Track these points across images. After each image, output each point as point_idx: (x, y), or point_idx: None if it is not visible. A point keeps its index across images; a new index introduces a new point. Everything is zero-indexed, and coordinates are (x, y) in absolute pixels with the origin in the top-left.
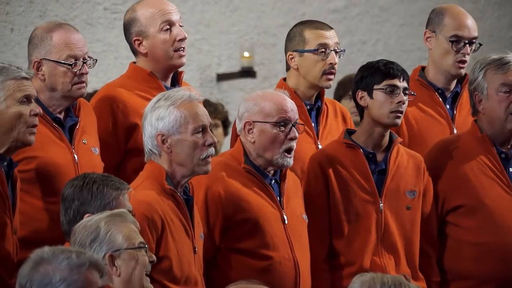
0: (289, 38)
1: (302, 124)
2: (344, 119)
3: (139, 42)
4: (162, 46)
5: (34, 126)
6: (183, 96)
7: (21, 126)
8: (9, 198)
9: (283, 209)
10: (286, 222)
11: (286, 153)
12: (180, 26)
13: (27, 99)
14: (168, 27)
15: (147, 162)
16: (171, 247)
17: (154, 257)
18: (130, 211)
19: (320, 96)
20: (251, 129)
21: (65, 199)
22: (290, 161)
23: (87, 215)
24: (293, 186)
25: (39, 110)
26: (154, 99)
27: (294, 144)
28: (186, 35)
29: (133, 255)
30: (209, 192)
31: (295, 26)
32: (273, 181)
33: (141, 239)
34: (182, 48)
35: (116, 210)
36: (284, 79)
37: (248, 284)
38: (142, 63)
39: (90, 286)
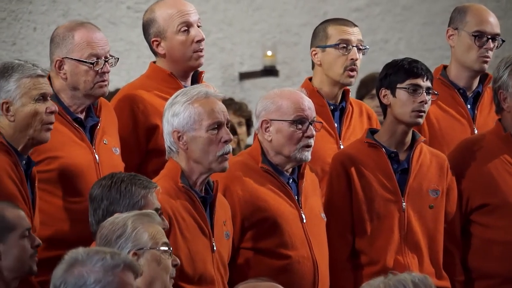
0: (314, 35)
1: (320, 122)
2: (370, 120)
3: (157, 43)
4: (180, 47)
5: (50, 123)
6: (199, 92)
7: (37, 124)
8: (29, 198)
9: (301, 208)
10: (304, 221)
11: (304, 148)
12: (199, 26)
13: (43, 97)
14: (186, 28)
15: (167, 160)
16: (180, 245)
17: (178, 261)
18: (158, 209)
19: (345, 96)
20: (268, 127)
21: (94, 199)
22: (308, 155)
23: (116, 215)
24: (311, 185)
25: (55, 108)
26: (173, 96)
27: (311, 141)
28: (204, 36)
29: (156, 256)
30: (227, 192)
31: (320, 23)
32: (291, 180)
33: (166, 241)
34: (201, 49)
35: (144, 210)
36: (310, 79)
37: (257, 282)
38: (161, 63)
39: (124, 287)
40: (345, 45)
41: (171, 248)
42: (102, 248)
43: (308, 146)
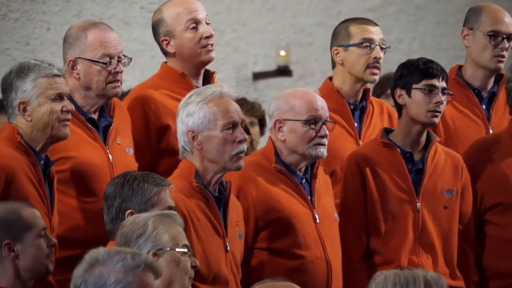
0: (334, 34)
1: (333, 122)
2: (390, 119)
3: (167, 42)
4: (189, 45)
5: (67, 120)
6: (214, 92)
7: (54, 122)
8: (47, 198)
9: (314, 208)
10: (317, 221)
11: (317, 145)
12: (207, 23)
13: (59, 97)
14: (194, 25)
15: (181, 160)
16: (195, 245)
17: (197, 262)
18: (172, 207)
19: (365, 95)
20: (281, 127)
21: (107, 197)
22: (323, 151)
23: (128, 211)
24: (324, 185)
25: (71, 106)
26: (186, 96)
27: (325, 140)
28: (213, 32)
29: (175, 257)
30: (241, 192)
31: (340, 23)
32: (304, 180)
33: (186, 242)
34: (210, 44)
35: (166, 211)
36: (330, 78)
37: (273, 282)
38: (172, 63)
39: None
40: (368, 44)
41: (191, 250)
42: (123, 248)
43: (322, 144)
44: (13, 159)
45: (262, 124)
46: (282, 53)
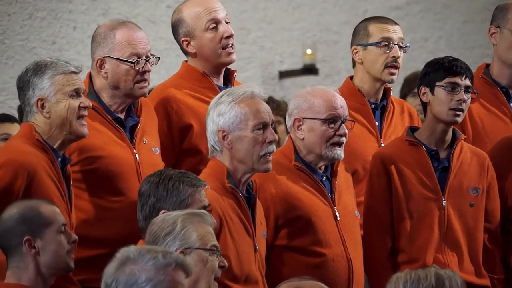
0: (354, 33)
1: (352, 121)
2: (411, 118)
3: (187, 42)
4: (209, 45)
5: (83, 117)
6: (245, 92)
7: (72, 119)
8: (67, 195)
9: (335, 206)
10: (338, 218)
11: (334, 146)
12: (227, 23)
13: (76, 93)
14: (214, 25)
15: (210, 159)
16: (229, 245)
17: (226, 262)
18: (206, 207)
19: (386, 94)
20: (300, 125)
21: (142, 195)
22: (340, 153)
23: (162, 211)
24: (345, 183)
25: (88, 103)
26: (218, 95)
27: (343, 139)
28: (233, 32)
29: (203, 256)
30: (260, 190)
31: (360, 22)
32: (324, 177)
33: (215, 242)
34: (231, 45)
35: (196, 210)
36: (351, 78)
37: (300, 281)
38: (193, 62)
39: (176, 287)
40: (386, 43)
41: (219, 250)
42: (154, 247)
43: (340, 144)
44: (33, 156)
45: None
46: (308, 51)
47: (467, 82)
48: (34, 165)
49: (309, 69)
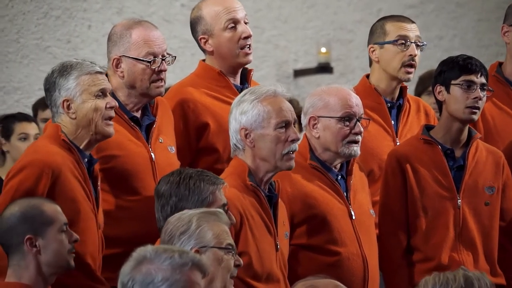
0: (371, 32)
1: (367, 119)
2: (427, 117)
3: (205, 40)
4: (227, 44)
5: (110, 118)
6: (268, 91)
7: (98, 119)
8: (93, 195)
9: (350, 205)
10: (353, 217)
11: (351, 143)
12: (246, 23)
13: (102, 93)
14: (233, 25)
15: (232, 158)
16: (250, 243)
17: (241, 261)
18: (225, 205)
19: (402, 93)
20: (315, 124)
21: (162, 195)
22: (357, 150)
23: (183, 211)
24: (360, 181)
25: (115, 103)
26: (240, 94)
27: (359, 137)
28: (251, 33)
29: (218, 255)
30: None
31: (377, 21)
32: (340, 176)
33: (230, 241)
34: (248, 46)
35: (211, 208)
36: (367, 76)
37: (316, 280)
38: (210, 61)
39: (192, 286)
40: (403, 42)
41: (235, 248)
42: (171, 246)
43: (356, 142)
44: (59, 156)
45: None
46: (323, 50)
47: (483, 79)
48: (59, 165)
49: (324, 68)
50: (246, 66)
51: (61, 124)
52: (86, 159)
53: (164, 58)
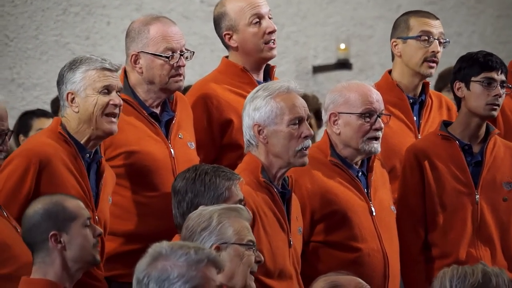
0: (394, 26)
1: (388, 115)
2: (449, 112)
3: (229, 36)
4: (252, 40)
5: (113, 115)
6: (281, 87)
7: (99, 114)
8: (90, 191)
9: (370, 201)
10: (374, 213)
11: (371, 140)
12: (270, 18)
13: (107, 90)
14: (257, 20)
15: (246, 154)
16: (263, 239)
17: (262, 257)
18: (241, 200)
19: (424, 89)
20: (336, 120)
21: (178, 192)
22: (377, 147)
23: (201, 207)
24: (381, 178)
25: (119, 100)
26: (253, 90)
27: (379, 133)
28: (276, 27)
29: (239, 251)
30: (296, 185)
31: (401, 15)
32: (360, 173)
33: (251, 237)
34: (273, 41)
35: (233, 205)
36: (389, 72)
37: (338, 276)
38: (234, 57)
39: (208, 283)
40: (426, 38)
41: (255, 245)
42: (186, 243)
43: (376, 138)
44: (50, 146)
45: (318, 116)
46: (342, 46)
47: (503, 77)
48: (49, 155)
49: (343, 64)
50: (269, 62)
51: (65, 118)
52: (87, 154)
53: (182, 53)
